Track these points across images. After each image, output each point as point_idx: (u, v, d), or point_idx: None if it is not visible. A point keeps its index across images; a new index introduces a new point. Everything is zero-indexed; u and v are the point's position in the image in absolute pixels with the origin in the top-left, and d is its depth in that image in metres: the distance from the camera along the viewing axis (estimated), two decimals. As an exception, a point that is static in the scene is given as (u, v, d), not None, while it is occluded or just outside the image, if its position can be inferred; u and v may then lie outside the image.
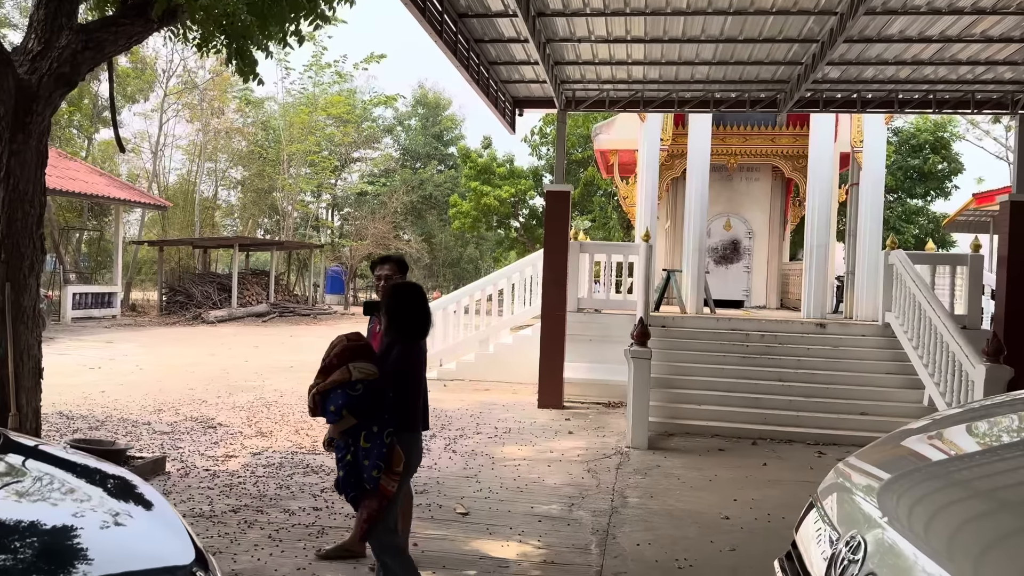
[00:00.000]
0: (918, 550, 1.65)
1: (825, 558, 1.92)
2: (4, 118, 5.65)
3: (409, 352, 3.72)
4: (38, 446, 2.43)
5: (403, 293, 3.83)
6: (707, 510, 5.94)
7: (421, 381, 3.87)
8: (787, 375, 9.66)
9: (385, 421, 3.52)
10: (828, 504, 2.15)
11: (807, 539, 2.14)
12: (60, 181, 20.50)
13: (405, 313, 3.73)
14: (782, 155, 15.19)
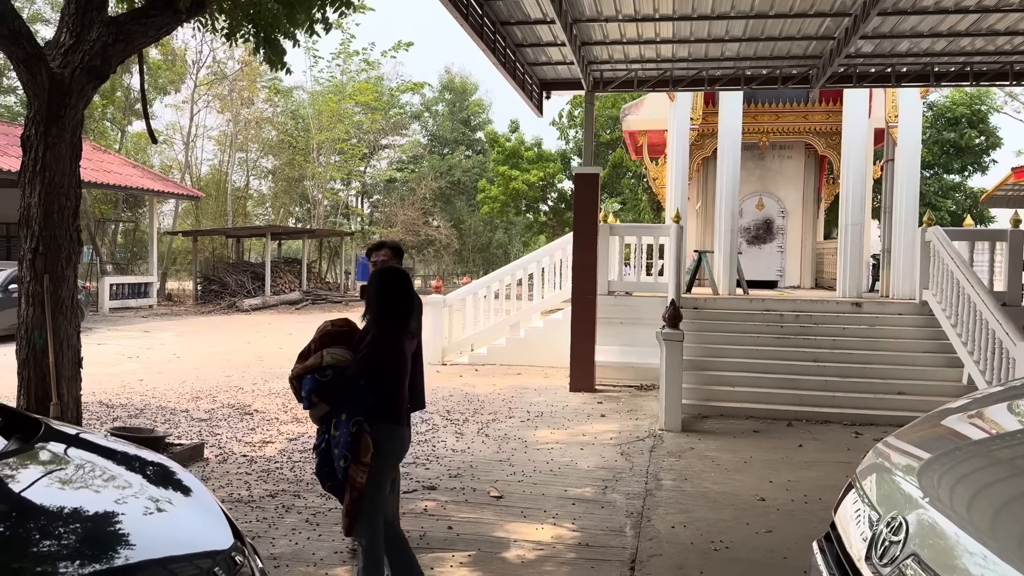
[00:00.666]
0: (961, 530, 1.62)
1: (865, 539, 1.89)
2: (39, 112, 5.73)
3: (384, 338, 3.57)
4: (79, 434, 2.47)
5: (383, 277, 3.71)
6: (742, 492, 5.90)
7: (401, 370, 3.66)
8: (823, 355, 9.53)
9: (354, 409, 3.42)
10: (867, 485, 2.12)
11: (846, 520, 2.11)
12: (95, 174, 20.82)
13: (382, 298, 3.62)
14: (815, 132, 14.95)
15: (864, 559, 1.82)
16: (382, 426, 3.52)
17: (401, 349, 3.64)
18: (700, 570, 4.37)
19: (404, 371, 3.67)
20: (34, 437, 2.18)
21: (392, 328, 3.62)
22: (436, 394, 9.85)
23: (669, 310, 8.47)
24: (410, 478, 6.07)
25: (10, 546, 1.73)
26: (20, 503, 1.93)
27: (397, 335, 3.64)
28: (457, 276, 36.00)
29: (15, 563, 1.67)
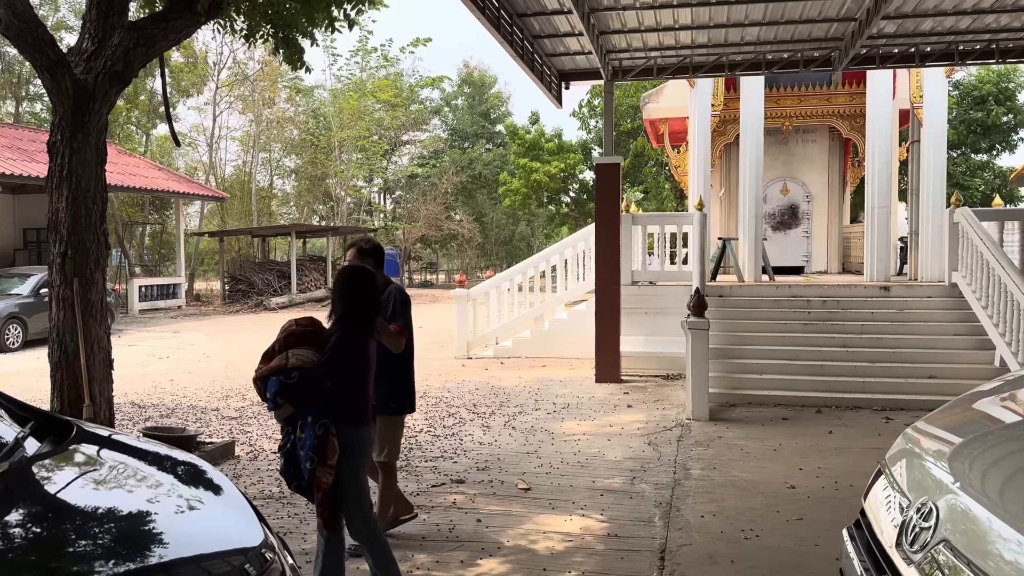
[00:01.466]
0: (993, 515, 1.59)
1: (895, 525, 1.87)
2: (64, 118, 5.81)
3: (348, 339, 3.56)
4: (111, 435, 2.51)
5: (347, 277, 3.69)
6: (772, 480, 5.86)
7: (366, 372, 3.66)
8: (851, 340, 9.43)
9: (320, 411, 3.39)
10: (897, 471, 2.09)
11: (876, 507, 2.09)
12: (121, 177, 21.07)
13: (346, 299, 3.60)
14: (839, 115, 14.76)
15: (895, 545, 1.79)
16: (348, 429, 3.50)
17: (364, 350, 3.64)
18: (731, 559, 4.35)
19: (369, 373, 3.68)
20: (67, 439, 2.21)
21: (357, 330, 3.60)
22: (462, 388, 9.89)
23: (694, 298, 8.42)
24: (438, 472, 6.11)
25: (47, 546, 1.77)
26: (56, 504, 1.97)
27: (362, 337, 3.63)
28: (481, 270, 36.07)
29: (53, 563, 1.70)
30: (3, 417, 2.31)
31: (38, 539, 1.80)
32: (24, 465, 2.04)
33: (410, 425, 7.77)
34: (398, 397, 4.57)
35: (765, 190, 14.75)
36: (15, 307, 14.74)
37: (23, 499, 1.94)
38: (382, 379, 4.40)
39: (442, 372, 11.20)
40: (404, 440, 7.10)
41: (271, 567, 1.91)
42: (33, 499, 1.94)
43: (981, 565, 1.46)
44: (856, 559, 1.99)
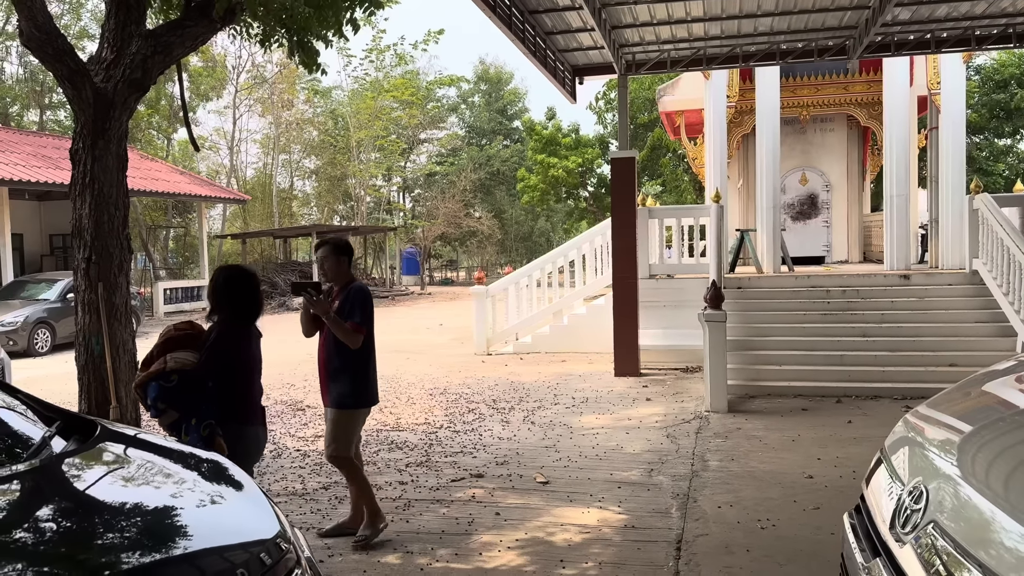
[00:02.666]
0: (980, 495, 1.63)
1: (890, 509, 1.91)
2: (85, 126, 5.93)
3: (227, 335, 3.60)
4: (135, 434, 2.60)
5: (223, 276, 3.78)
6: (790, 470, 5.88)
7: (249, 369, 3.72)
8: (871, 330, 9.40)
9: (204, 413, 3.38)
10: (894, 456, 2.13)
11: (878, 492, 2.13)
12: (144, 182, 21.37)
13: (221, 297, 3.67)
14: (857, 103, 14.66)
15: (888, 528, 1.84)
16: (233, 427, 3.51)
17: (248, 348, 3.68)
18: (746, 548, 4.39)
19: (252, 371, 3.72)
20: (91, 438, 2.31)
21: (236, 327, 3.65)
22: (482, 384, 9.96)
23: (710, 291, 8.43)
24: (458, 466, 6.18)
25: (75, 539, 1.85)
26: (82, 499, 2.06)
27: (243, 334, 3.67)
28: (500, 266, 36.14)
29: (81, 554, 1.78)
30: (31, 417, 2.41)
31: (67, 532, 1.88)
32: (51, 463, 2.13)
33: (431, 421, 7.87)
34: (355, 392, 4.59)
35: (784, 180, 14.70)
36: (43, 312, 15.02)
37: (51, 495, 2.03)
38: (339, 375, 4.53)
39: (462, 368, 11.28)
40: (424, 436, 7.22)
41: (286, 556, 1.99)
42: (61, 495, 2.03)
43: (965, 544, 1.50)
44: (854, 542, 2.03)
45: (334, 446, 4.58)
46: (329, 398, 4.63)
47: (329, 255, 4.60)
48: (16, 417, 2.39)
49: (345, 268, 4.65)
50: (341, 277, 4.63)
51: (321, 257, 4.64)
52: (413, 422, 7.88)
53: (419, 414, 8.25)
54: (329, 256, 4.60)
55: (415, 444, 6.96)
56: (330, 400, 4.61)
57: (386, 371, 11.25)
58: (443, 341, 14.75)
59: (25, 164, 18.52)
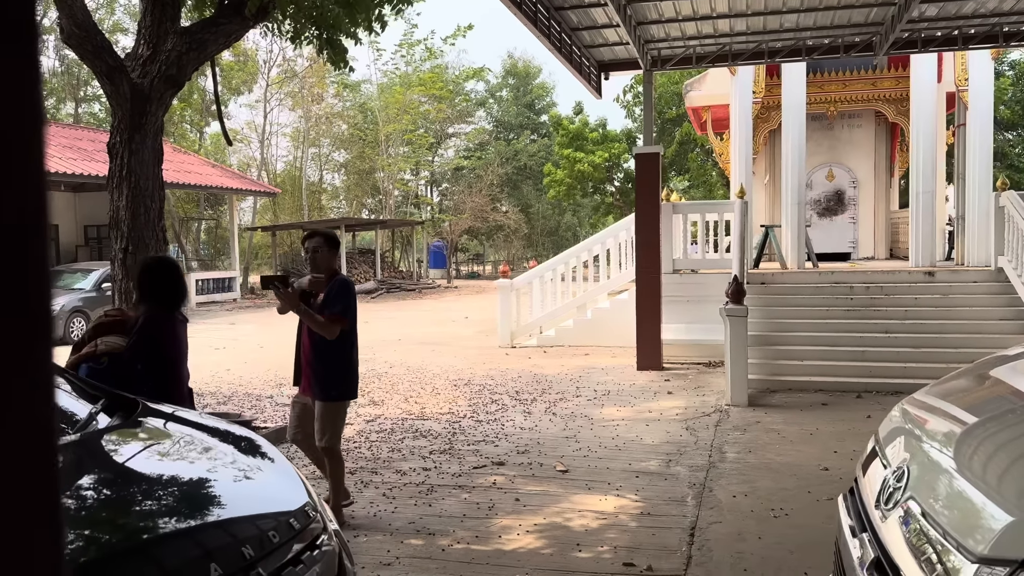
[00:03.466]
0: (951, 470, 1.74)
1: (876, 489, 2.02)
2: (122, 121, 6.16)
3: (153, 320, 3.80)
4: (174, 411, 2.78)
5: (146, 266, 4.02)
6: (806, 462, 5.96)
7: (177, 354, 3.91)
8: (894, 326, 9.41)
9: (133, 393, 3.46)
10: (884, 440, 2.24)
11: (871, 476, 2.24)
12: (177, 174, 21.77)
13: (144, 284, 3.90)
14: (885, 99, 14.58)
15: (874, 505, 1.95)
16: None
17: (173, 333, 3.87)
18: (758, 535, 4.49)
19: (179, 355, 3.91)
20: (134, 414, 2.48)
21: (161, 314, 3.84)
22: (505, 376, 10.11)
23: (732, 286, 8.50)
24: (480, 454, 6.34)
25: (118, 506, 2.02)
26: (125, 470, 2.23)
27: (166, 320, 3.86)
28: (526, 260, 36.29)
29: (122, 519, 1.95)
30: (77, 396, 2.59)
31: (110, 500, 2.05)
32: (97, 436, 2.31)
33: (454, 411, 8.04)
34: (339, 384, 4.70)
35: (810, 176, 14.67)
36: (79, 301, 15.42)
37: (97, 466, 2.20)
38: (322, 366, 4.63)
39: (486, 360, 11.44)
40: (448, 425, 7.39)
41: (313, 524, 2.14)
42: (106, 466, 2.20)
43: (935, 516, 1.61)
44: (846, 520, 2.14)
45: (327, 437, 4.70)
46: (314, 391, 4.68)
47: (322, 246, 4.65)
48: (64, 395, 2.58)
49: (334, 261, 4.76)
50: (330, 269, 4.71)
51: (313, 248, 4.66)
52: (437, 411, 8.05)
53: (443, 404, 8.42)
54: (322, 247, 4.64)
55: (439, 432, 7.13)
56: (315, 393, 4.67)
57: (412, 362, 11.45)
58: (468, 333, 14.92)
59: (60, 156, 18.96)
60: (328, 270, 4.70)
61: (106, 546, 1.71)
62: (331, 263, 4.72)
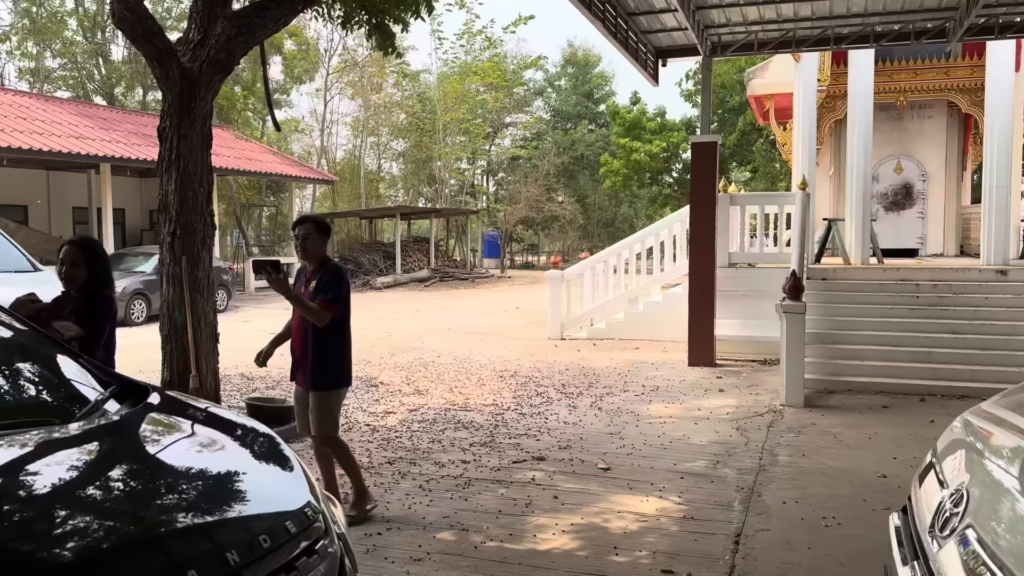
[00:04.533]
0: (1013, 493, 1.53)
1: (931, 511, 1.81)
2: (172, 105, 6.16)
3: (111, 304, 4.13)
4: (187, 402, 2.70)
5: (89, 243, 4.25)
6: (863, 468, 5.67)
7: (110, 333, 4.09)
8: (962, 327, 8.95)
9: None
10: (942, 456, 2.02)
11: (927, 493, 2.03)
12: (238, 161, 22.12)
13: (97, 263, 4.09)
14: (958, 89, 13.92)
15: (928, 530, 1.75)
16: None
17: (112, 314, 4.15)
18: (807, 545, 4.26)
19: (113, 336, 4.13)
20: (143, 404, 2.40)
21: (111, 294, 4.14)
22: (552, 368, 9.95)
23: (789, 281, 8.18)
24: (521, 448, 6.20)
25: (115, 497, 1.92)
26: (126, 461, 2.14)
27: (105, 301, 4.10)
28: (581, 251, 36.04)
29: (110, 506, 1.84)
30: (89, 381, 2.53)
31: (99, 487, 1.94)
32: (101, 425, 2.23)
33: (498, 403, 7.92)
34: (333, 372, 4.61)
35: (877, 168, 14.12)
36: (140, 284, 15.77)
37: (96, 456, 2.11)
38: (315, 355, 4.54)
39: (534, 352, 11.30)
40: (490, 417, 7.27)
41: (313, 526, 2.03)
42: (104, 456, 2.11)
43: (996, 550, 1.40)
44: (895, 544, 1.94)
45: (319, 428, 4.61)
46: (307, 380, 4.60)
47: (312, 233, 4.56)
48: (75, 381, 2.51)
49: (324, 247, 4.67)
50: (320, 256, 4.62)
51: (303, 234, 4.57)
52: (481, 403, 7.94)
53: (488, 395, 8.31)
54: (312, 234, 4.56)
55: (481, 424, 7.02)
56: (309, 382, 4.60)
57: (459, 352, 11.37)
58: (518, 324, 14.80)
59: (127, 142, 19.41)
60: (318, 257, 4.62)
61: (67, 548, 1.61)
62: (321, 250, 4.63)
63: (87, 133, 18.89)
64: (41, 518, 1.67)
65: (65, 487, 1.84)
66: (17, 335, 2.68)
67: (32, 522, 1.65)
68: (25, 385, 2.52)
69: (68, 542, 1.62)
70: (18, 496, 1.75)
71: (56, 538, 1.62)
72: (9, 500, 1.71)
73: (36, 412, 2.27)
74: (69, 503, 1.77)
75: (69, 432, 2.11)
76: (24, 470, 1.88)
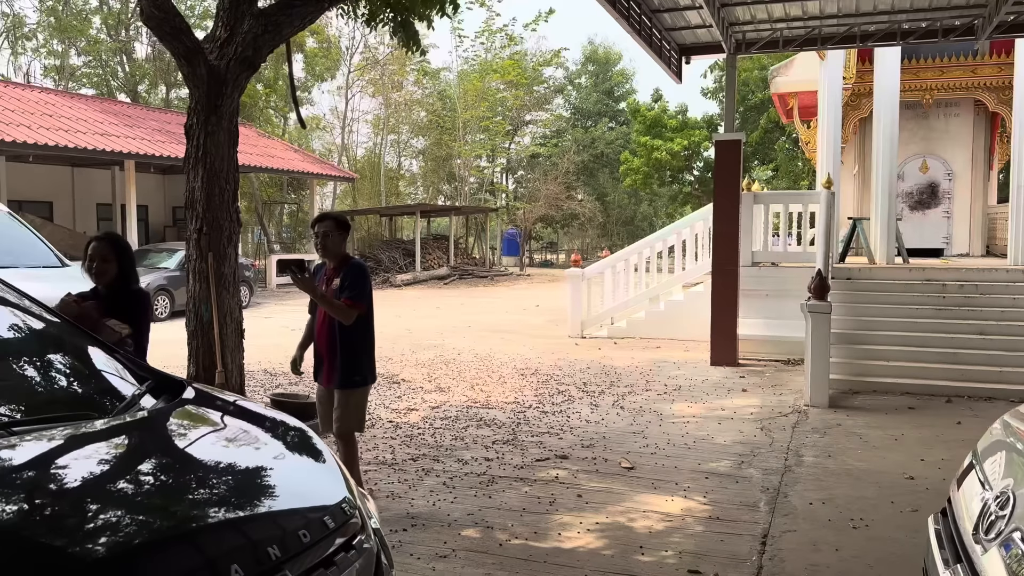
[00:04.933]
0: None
1: (974, 514, 1.79)
2: (199, 102, 6.20)
3: (148, 300, 4.17)
4: (221, 397, 2.71)
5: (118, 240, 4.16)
6: (890, 470, 5.62)
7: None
8: (989, 327, 8.84)
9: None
10: (984, 458, 1.99)
11: (967, 496, 2.00)
12: (260, 159, 22.24)
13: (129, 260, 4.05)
14: (985, 87, 13.74)
15: (972, 534, 1.72)
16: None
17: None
18: (835, 547, 4.22)
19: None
20: (179, 398, 2.42)
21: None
22: (573, 366, 9.94)
23: (815, 280, 8.11)
24: (543, 447, 6.20)
25: (151, 491, 1.93)
26: (162, 455, 2.15)
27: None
28: (600, 250, 35.96)
29: (163, 502, 1.86)
30: (125, 376, 2.55)
31: (137, 481, 1.96)
32: (138, 420, 2.24)
33: (520, 401, 7.92)
34: (361, 369, 4.63)
35: (902, 167, 13.98)
36: (163, 280, 15.90)
37: (134, 450, 2.13)
38: (343, 353, 4.55)
39: (555, 350, 11.28)
40: (512, 415, 7.27)
41: (350, 521, 2.03)
42: (142, 450, 2.13)
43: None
44: (936, 547, 1.92)
45: (349, 425, 4.63)
46: (335, 378, 4.59)
47: (332, 230, 4.55)
48: (112, 375, 2.54)
49: (344, 245, 4.68)
50: (340, 254, 4.62)
51: (323, 232, 4.54)
52: (503, 400, 7.94)
53: (509, 393, 8.31)
54: (332, 232, 4.55)
55: (503, 422, 7.02)
56: (337, 380, 4.59)
57: (480, 349, 11.38)
58: (538, 322, 14.79)
59: (150, 139, 19.57)
60: (339, 255, 4.62)
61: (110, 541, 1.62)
62: (341, 247, 4.63)
63: (111, 130, 19.07)
64: (86, 512, 1.69)
65: (106, 481, 1.86)
66: (54, 330, 2.71)
67: (74, 516, 1.67)
68: (63, 380, 2.55)
69: (114, 536, 1.64)
70: (60, 490, 1.77)
71: (102, 531, 1.63)
72: (50, 494, 1.73)
73: (74, 407, 2.30)
74: (111, 497, 1.79)
75: (108, 426, 2.13)
76: (65, 465, 1.90)
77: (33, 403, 2.29)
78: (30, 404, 2.27)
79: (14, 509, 1.66)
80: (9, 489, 1.73)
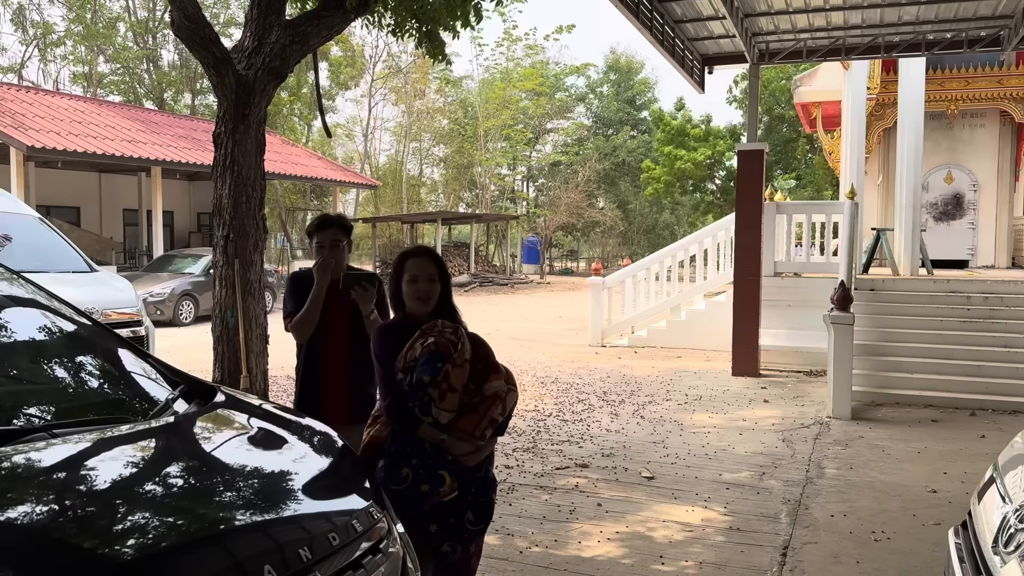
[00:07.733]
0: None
1: (994, 527, 1.80)
2: (227, 111, 6.29)
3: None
4: (252, 402, 2.77)
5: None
6: (912, 483, 5.59)
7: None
8: (1014, 340, 8.75)
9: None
10: (1005, 471, 2.00)
11: (988, 509, 2.00)
12: (284, 166, 22.47)
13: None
14: (1011, 98, 13.62)
15: (991, 546, 1.73)
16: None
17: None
18: (856, 559, 4.21)
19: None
20: (211, 402, 2.48)
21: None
22: (594, 375, 9.95)
23: (838, 291, 8.08)
24: (563, 455, 6.22)
25: (184, 493, 1.98)
26: (196, 458, 2.21)
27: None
28: (621, 258, 35.91)
29: (178, 503, 1.91)
30: (158, 380, 2.61)
31: (170, 484, 2.02)
32: (173, 423, 2.31)
33: (540, 409, 7.94)
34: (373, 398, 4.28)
35: (927, 178, 13.89)
36: (188, 285, 16.10)
37: (167, 451, 2.19)
38: (367, 380, 3.77)
39: (575, 359, 11.30)
40: (532, 423, 7.29)
41: (377, 526, 2.08)
42: (174, 452, 2.19)
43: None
44: (955, 559, 1.92)
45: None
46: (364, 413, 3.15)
47: (343, 238, 3.87)
48: (145, 380, 2.60)
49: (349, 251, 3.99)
50: (345, 267, 3.87)
51: (332, 239, 3.82)
52: (523, 408, 7.97)
53: (529, 401, 8.33)
54: (342, 239, 3.86)
55: (523, 430, 7.04)
56: (353, 417, 3.61)
57: (500, 357, 11.34)
58: (559, 330, 14.80)
59: (176, 146, 19.84)
60: (343, 267, 3.85)
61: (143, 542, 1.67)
62: (346, 259, 3.92)
63: (138, 137, 19.35)
64: (119, 513, 1.74)
65: (139, 483, 1.92)
66: (90, 334, 2.78)
67: (107, 517, 1.72)
68: (98, 384, 2.62)
69: (147, 537, 1.69)
70: (95, 492, 1.82)
71: (134, 532, 1.69)
72: (85, 496, 1.79)
73: (109, 410, 2.36)
74: (144, 499, 1.84)
75: (142, 430, 2.19)
76: (99, 467, 1.96)
77: (69, 406, 2.36)
78: (66, 407, 2.34)
79: (48, 510, 1.72)
80: (44, 491, 1.79)
